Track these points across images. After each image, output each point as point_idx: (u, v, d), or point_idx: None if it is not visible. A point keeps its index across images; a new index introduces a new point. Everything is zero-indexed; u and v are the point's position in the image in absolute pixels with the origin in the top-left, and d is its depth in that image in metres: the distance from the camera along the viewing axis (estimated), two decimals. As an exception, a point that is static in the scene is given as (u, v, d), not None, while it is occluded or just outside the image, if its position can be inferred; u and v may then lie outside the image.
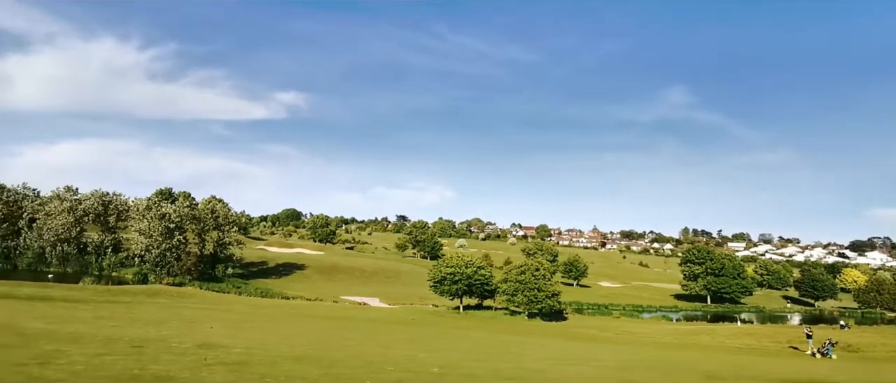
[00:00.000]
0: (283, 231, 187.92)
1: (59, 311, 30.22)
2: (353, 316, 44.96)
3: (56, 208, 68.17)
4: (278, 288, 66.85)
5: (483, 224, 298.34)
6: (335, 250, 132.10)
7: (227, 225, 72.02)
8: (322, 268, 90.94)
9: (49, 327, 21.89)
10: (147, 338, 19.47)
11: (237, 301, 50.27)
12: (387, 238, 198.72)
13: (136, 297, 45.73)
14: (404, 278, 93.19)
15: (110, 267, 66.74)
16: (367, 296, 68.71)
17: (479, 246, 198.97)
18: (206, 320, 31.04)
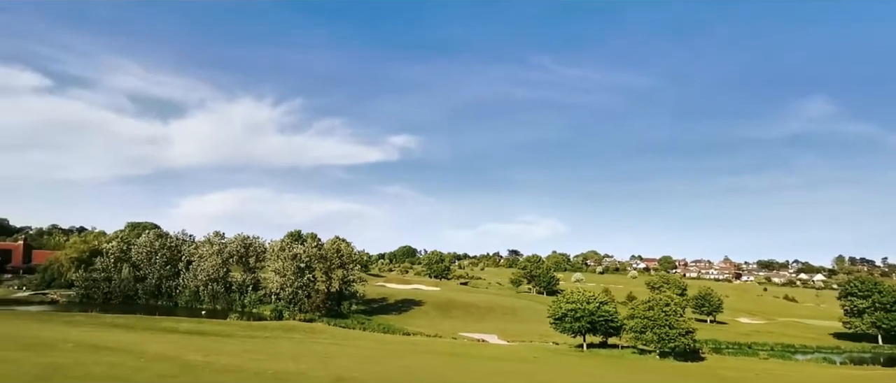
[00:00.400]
0: (400, 267, 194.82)
1: (212, 345, 33.48)
2: (473, 353, 44.65)
3: (207, 251, 76.94)
4: (399, 324, 68.71)
5: (599, 257, 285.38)
6: (450, 286, 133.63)
7: (351, 263, 76.20)
8: (439, 303, 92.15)
9: (206, 359, 24.25)
10: (288, 371, 20.77)
11: (363, 336, 52.36)
12: (500, 273, 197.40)
13: (274, 332, 49.44)
14: (521, 314, 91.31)
15: (251, 303, 73.36)
16: (485, 333, 68.13)
17: (596, 279, 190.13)
18: (338, 355, 32.56)
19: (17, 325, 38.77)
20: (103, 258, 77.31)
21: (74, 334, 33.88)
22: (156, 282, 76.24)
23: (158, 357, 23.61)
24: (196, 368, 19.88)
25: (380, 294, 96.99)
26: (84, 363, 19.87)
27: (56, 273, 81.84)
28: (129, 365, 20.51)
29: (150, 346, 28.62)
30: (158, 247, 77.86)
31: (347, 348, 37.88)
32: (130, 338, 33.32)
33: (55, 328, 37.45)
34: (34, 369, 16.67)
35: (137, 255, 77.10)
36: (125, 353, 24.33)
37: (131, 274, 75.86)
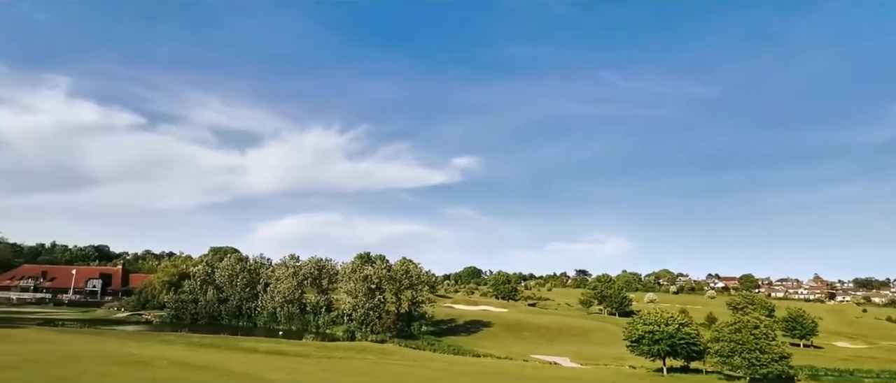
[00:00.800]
0: (465, 288, 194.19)
1: (291, 364, 34.65)
2: (548, 376, 43.44)
3: (283, 274, 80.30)
4: (468, 346, 68.16)
5: (672, 276, 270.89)
6: (518, 307, 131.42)
7: (420, 284, 76.89)
8: (507, 325, 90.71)
9: (287, 378, 25.13)
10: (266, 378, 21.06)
11: (433, 358, 52.37)
12: (568, 293, 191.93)
13: (348, 353, 50.45)
14: (593, 336, 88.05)
15: (324, 324, 75.51)
16: (557, 355, 66.18)
17: (670, 300, 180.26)
18: (411, 375, 32.72)
19: (117, 344, 41.95)
20: (191, 281, 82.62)
21: (168, 352, 36.19)
22: (237, 304, 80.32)
23: (243, 375, 24.68)
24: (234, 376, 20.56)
25: (448, 315, 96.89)
26: (178, 379, 21.13)
27: (149, 295, 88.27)
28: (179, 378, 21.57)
29: (235, 365, 30.03)
30: (239, 271, 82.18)
31: (420, 369, 38.00)
32: (217, 357, 35.12)
33: (151, 346, 40.12)
34: None
35: (220, 278, 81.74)
36: (214, 372, 25.66)
37: (215, 296, 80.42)
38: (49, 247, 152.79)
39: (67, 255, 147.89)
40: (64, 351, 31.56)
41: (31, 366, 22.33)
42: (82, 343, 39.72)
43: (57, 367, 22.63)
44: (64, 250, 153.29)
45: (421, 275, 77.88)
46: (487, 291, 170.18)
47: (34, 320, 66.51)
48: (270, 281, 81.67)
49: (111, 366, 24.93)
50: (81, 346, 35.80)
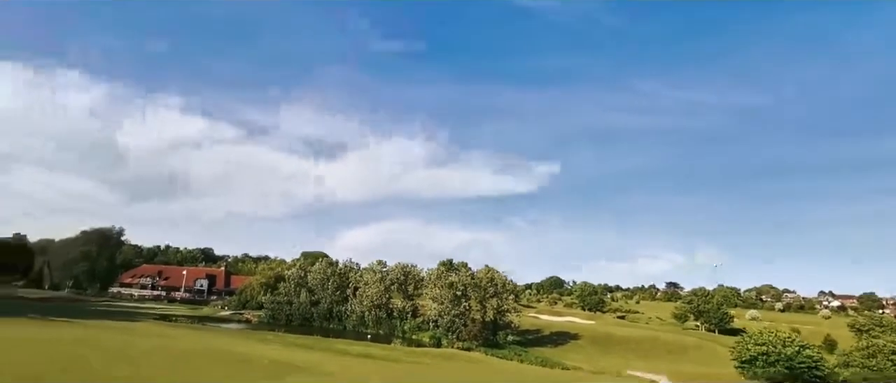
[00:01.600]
0: (548, 298, 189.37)
1: (384, 369, 34.73)
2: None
3: (371, 278, 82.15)
4: (556, 358, 65.78)
5: (778, 292, 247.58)
6: (606, 319, 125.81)
7: (505, 292, 75.50)
8: (596, 337, 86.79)
9: None
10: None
11: (523, 369, 50.85)
12: (658, 307, 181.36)
13: (436, 360, 50.15)
14: (691, 353, 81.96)
15: (410, 330, 76.13)
16: (653, 372, 62.01)
17: (775, 318, 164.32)
18: None
19: (223, 341, 44.45)
20: (285, 283, 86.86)
21: (268, 351, 37.67)
22: (328, 307, 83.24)
23: (343, 379, 24.83)
24: None
25: (533, 325, 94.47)
26: (282, 379, 21.54)
27: (249, 296, 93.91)
28: None
29: (332, 367, 30.52)
30: (329, 275, 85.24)
31: (513, 380, 36.78)
32: (312, 358, 35.99)
33: (252, 345, 42.05)
34: (244, 381, 18.34)
35: (313, 282, 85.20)
36: (314, 374, 26.07)
37: (308, 298, 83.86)
38: (163, 249, 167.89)
39: (178, 257, 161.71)
40: (177, 346, 33.74)
41: (147, 359, 23.75)
42: (193, 339, 42.46)
43: (170, 361, 23.97)
44: (176, 252, 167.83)
45: (506, 284, 76.43)
46: (572, 302, 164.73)
47: (151, 315, 72.61)
48: (359, 285, 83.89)
49: (218, 364, 26.11)
50: (192, 342, 38.18)
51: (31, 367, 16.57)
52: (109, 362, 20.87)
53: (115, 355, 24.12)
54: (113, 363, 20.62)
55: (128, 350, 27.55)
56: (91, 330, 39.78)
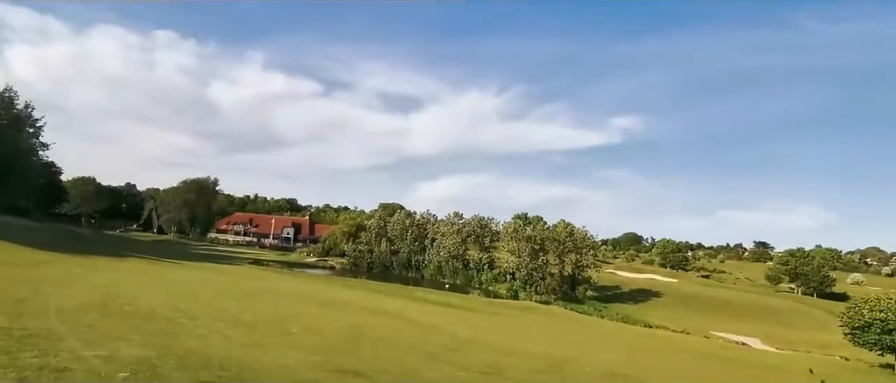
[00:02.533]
0: (625, 255, 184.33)
1: (468, 318, 35.10)
2: (736, 358, 38.41)
3: (448, 230, 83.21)
4: (638, 315, 64.15)
5: (885, 255, 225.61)
6: (689, 278, 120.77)
7: (585, 247, 73.99)
8: (679, 296, 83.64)
9: (472, 334, 25.08)
10: (559, 357, 19.84)
11: (604, 325, 49.95)
12: (745, 267, 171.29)
13: (514, 312, 50.34)
14: (785, 317, 77.10)
15: (487, 281, 76.86)
16: (744, 335, 58.95)
17: (882, 283, 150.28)
18: (589, 341, 31.02)
19: (312, 286, 46.89)
20: (366, 233, 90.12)
21: (355, 297, 39.30)
22: (406, 256, 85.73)
23: (432, 327, 25.18)
24: (471, 343, 20.32)
25: (612, 281, 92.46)
26: (374, 325, 22.09)
27: (332, 244, 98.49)
28: (410, 331, 22.14)
29: (416, 315, 31.20)
30: (408, 225, 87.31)
31: (597, 335, 36.09)
32: (396, 305, 37.04)
33: (339, 291, 44.01)
34: (343, 327, 18.89)
35: (392, 232, 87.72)
36: (401, 320, 26.68)
37: (387, 247, 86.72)
38: (252, 199, 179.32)
39: (266, 206, 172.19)
40: (272, 288, 35.86)
41: (249, 300, 25.18)
42: (285, 282, 45.11)
43: (269, 301, 25.33)
44: (263, 201, 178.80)
45: (586, 239, 74.74)
46: (650, 259, 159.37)
47: (245, 259, 78.19)
48: (436, 236, 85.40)
49: (313, 306, 27.36)
50: (285, 285, 40.50)
51: (160, 297, 17.99)
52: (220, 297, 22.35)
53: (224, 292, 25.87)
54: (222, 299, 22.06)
55: (228, 290, 29.47)
56: (207, 273, 43.21)
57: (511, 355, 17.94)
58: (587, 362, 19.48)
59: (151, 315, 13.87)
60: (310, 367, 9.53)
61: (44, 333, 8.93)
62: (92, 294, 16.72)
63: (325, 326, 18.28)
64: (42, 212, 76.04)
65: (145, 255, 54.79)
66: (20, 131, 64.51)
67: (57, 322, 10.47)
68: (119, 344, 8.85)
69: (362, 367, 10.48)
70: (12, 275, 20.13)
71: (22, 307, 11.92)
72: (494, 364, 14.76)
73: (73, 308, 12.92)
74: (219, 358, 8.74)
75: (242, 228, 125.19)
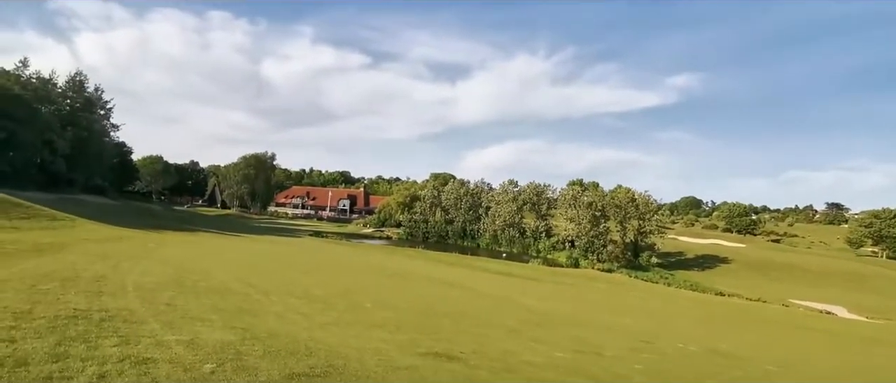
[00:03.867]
0: (683, 220, 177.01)
1: (534, 288, 34.02)
2: (826, 329, 35.58)
3: (503, 198, 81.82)
4: (707, 283, 61.12)
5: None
6: (758, 243, 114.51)
7: (648, 213, 70.89)
8: (750, 262, 79.16)
9: (543, 305, 23.98)
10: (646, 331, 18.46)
11: (673, 293, 47.71)
12: (818, 231, 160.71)
13: (578, 280, 48.86)
14: (871, 283, 71.56)
15: (545, 249, 75.30)
16: (827, 302, 54.95)
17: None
18: (668, 312, 29.33)
19: (374, 256, 47.07)
20: (421, 203, 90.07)
21: (416, 267, 39.01)
22: (462, 225, 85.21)
23: (500, 298, 24.27)
24: (548, 316, 19.24)
25: (675, 247, 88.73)
26: (444, 298, 21.36)
27: (387, 214, 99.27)
28: (481, 304, 21.26)
29: (478, 284, 30.43)
30: (462, 194, 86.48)
31: (671, 305, 34.23)
32: (459, 275, 36.45)
33: (400, 261, 43.94)
34: (414, 299, 18.22)
35: (446, 201, 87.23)
36: (467, 290, 25.91)
37: (442, 217, 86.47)
38: (308, 172, 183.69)
39: (321, 179, 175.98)
40: (335, 260, 36.03)
41: (316, 273, 25.02)
42: (347, 254, 45.49)
43: (335, 274, 25.11)
44: (319, 174, 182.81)
45: (649, 204, 71.52)
46: (712, 224, 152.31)
47: (305, 231, 79.95)
48: (491, 204, 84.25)
49: (379, 277, 27.03)
50: (347, 257, 40.73)
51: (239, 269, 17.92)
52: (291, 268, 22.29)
53: (291, 264, 25.93)
54: (290, 272, 21.95)
55: (298, 263, 29.58)
56: (272, 246, 44.09)
57: (595, 329, 16.72)
58: (678, 337, 18.01)
59: (226, 290, 13.54)
60: (400, 351, 8.70)
61: (123, 315, 8.47)
62: (167, 269, 16.71)
63: (397, 299, 17.66)
64: (117, 190, 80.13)
65: (212, 230, 56.71)
66: (92, 113, 67.66)
67: (135, 301, 10.11)
68: (199, 327, 8.28)
69: (453, 349, 9.59)
70: (93, 250, 20.60)
71: (101, 285, 11.73)
72: (584, 341, 13.61)
73: (150, 284, 12.70)
74: (303, 342, 8.04)
75: (300, 201, 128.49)
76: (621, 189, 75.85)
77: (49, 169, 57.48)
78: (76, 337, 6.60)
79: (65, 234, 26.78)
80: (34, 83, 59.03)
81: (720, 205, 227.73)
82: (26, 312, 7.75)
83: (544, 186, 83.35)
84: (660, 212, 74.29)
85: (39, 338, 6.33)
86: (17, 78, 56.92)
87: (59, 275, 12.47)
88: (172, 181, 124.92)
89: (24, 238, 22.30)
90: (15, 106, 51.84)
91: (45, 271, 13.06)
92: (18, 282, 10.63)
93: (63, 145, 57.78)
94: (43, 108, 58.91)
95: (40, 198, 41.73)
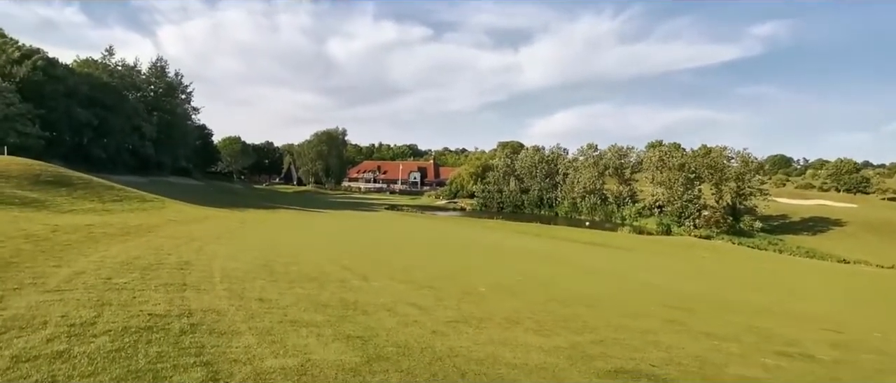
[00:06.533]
0: (772, 180, 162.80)
1: (637, 259, 30.71)
2: None
3: (583, 164, 77.29)
4: (823, 248, 54.55)
5: None
6: (871, 202, 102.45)
7: (748, 173, 64.17)
8: (869, 224, 70.38)
9: (655, 281, 20.81)
10: (823, 318, 14.97)
11: (801, 263, 42.39)
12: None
13: (676, 250, 44.55)
14: None
15: (630, 216, 70.48)
16: (976, 269, 47.28)
17: None
18: (803, 286, 25.14)
19: (456, 229, 45.15)
20: (494, 172, 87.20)
21: (501, 239, 36.55)
22: (538, 194, 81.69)
23: (614, 275, 21.32)
24: (683, 297, 16.14)
25: (776, 209, 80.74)
26: (556, 276, 18.72)
27: (459, 186, 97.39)
28: (602, 284, 18.49)
29: (581, 258, 27.53)
30: (537, 162, 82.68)
31: (800, 277, 29.74)
32: (549, 247, 33.63)
33: (485, 233, 41.65)
34: (528, 282, 15.73)
35: (521, 169, 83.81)
36: (573, 266, 23.12)
37: (517, 186, 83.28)
38: (378, 147, 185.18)
39: (390, 153, 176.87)
40: (421, 234, 34.23)
41: (409, 252, 23.13)
42: (429, 227, 43.79)
43: (428, 251, 23.09)
44: (387, 149, 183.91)
45: (749, 162, 64.72)
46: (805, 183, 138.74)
47: (380, 205, 79.71)
48: (568, 171, 79.99)
49: (473, 253, 24.82)
50: (432, 230, 38.95)
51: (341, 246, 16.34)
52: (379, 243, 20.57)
53: (379, 241, 24.27)
54: (381, 250, 20.20)
55: (381, 240, 27.98)
56: (353, 220, 43.23)
57: (767, 317, 13.46)
58: (862, 324, 14.42)
59: (321, 276, 11.62)
60: (571, 365, 6.26)
61: (209, 320, 6.52)
62: (253, 252, 15.17)
63: (509, 280, 15.21)
64: (201, 171, 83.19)
65: (292, 206, 56.97)
66: (174, 98, 69.75)
67: (223, 296, 8.25)
68: (306, 339, 6.19)
69: (633, 358, 6.99)
70: (179, 232, 19.63)
71: (186, 274, 10.06)
72: (769, 335, 10.52)
73: (238, 272, 10.97)
74: (445, 357, 5.75)
75: (372, 176, 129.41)
76: (715, 148, 69.00)
77: (139, 153, 59.74)
78: (144, 369, 4.57)
79: (154, 216, 26.47)
80: (120, 70, 61.16)
81: (813, 163, 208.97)
82: (89, 323, 5.89)
83: (628, 149, 77.81)
84: (762, 170, 66.83)
85: (91, 377, 4.31)
86: (104, 66, 59.05)
87: (141, 263, 10.95)
88: (251, 161, 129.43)
89: (114, 220, 21.81)
90: (105, 93, 53.76)
91: (127, 257, 11.63)
92: (94, 275, 9.05)
93: (150, 130, 59.75)
94: (130, 95, 61.06)
95: (132, 181, 42.91)
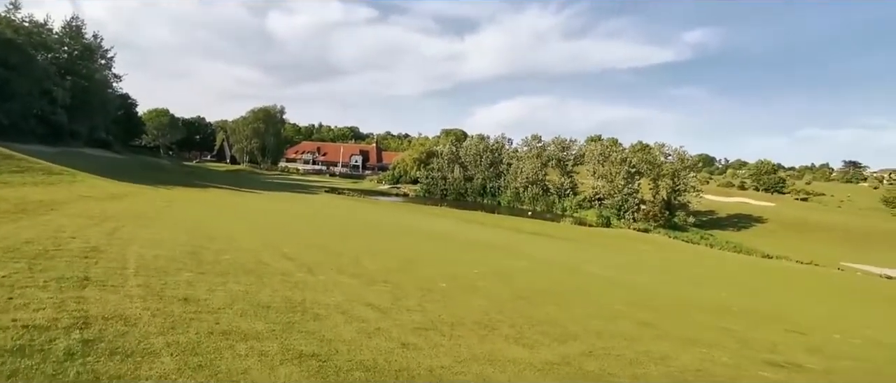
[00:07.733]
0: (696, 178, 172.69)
1: (579, 252, 30.63)
2: None
3: (526, 154, 77.64)
4: (747, 243, 57.65)
5: None
6: (786, 201, 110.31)
7: (684, 170, 66.77)
8: (785, 222, 75.55)
9: (620, 277, 20.50)
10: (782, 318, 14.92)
11: (721, 255, 44.24)
12: (839, 189, 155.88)
13: (617, 241, 45.40)
14: (919, 244, 67.88)
15: (571, 208, 71.65)
16: (877, 266, 51.51)
17: None
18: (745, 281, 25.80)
19: (398, 215, 43.62)
20: (438, 159, 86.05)
21: (449, 227, 35.53)
22: (481, 183, 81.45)
23: (569, 269, 20.75)
24: (642, 291, 15.68)
25: (705, 206, 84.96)
26: (517, 271, 17.82)
27: (402, 171, 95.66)
28: (559, 278, 17.78)
29: (531, 249, 26.97)
30: (482, 150, 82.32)
31: (738, 272, 30.73)
32: (498, 237, 32.94)
33: (433, 221, 40.44)
34: (489, 275, 14.68)
35: (465, 157, 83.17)
36: (530, 259, 22.39)
37: (461, 174, 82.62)
38: (317, 128, 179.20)
39: (331, 134, 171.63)
40: (365, 220, 32.53)
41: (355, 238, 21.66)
42: (373, 212, 41.98)
43: (374, 240, 21.64)
44: (328, 130, 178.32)
45: (685, 160, 67.31)
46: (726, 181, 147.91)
47: (320, 187, 76.57)
48: (512, 161, 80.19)
49: (424, 243, 23.59)
50: (376, 217, 37.24)
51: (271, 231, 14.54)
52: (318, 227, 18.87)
53: (321, 227, 22.50)
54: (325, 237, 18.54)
55: (325, 226, 26.23)
56: (291, 203, 40.74)
57: (732, 317, 13.10)
58: (817, 323, 14.45)
59: (261, 269, 9.97)
60: None
61: (111, 335, 4.89)
62: (180, 236, 13.17)
63: (468, 274, 14.09)
64: (122, 144, 76.65)
65: (224, 185, 53.33)
66: (92, 62, 63.34)
67: (137, 296, 6.55)
68: (245, 359, 4.71)
69: (619, 370, 6.04)
70: (90, 211, 17.07)
71: (90, 264, 8.16)
72: (745, 339, 10.03)
73: (160, 261, 9.17)
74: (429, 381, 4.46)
75: (311, 157, 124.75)
76: (653, 144, 71.43)
77: (49, 120, 53.67)
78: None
79: (61, 191, 23.27)
80: (27, 27, 54.52)
81: (733, 163, 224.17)
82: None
83: (570, 141, 78.90)
84: (695, 168, 69.75)
85: None
86: (7, 21, 52.37)
87: (32, 249, 8.86)
88: (180, 135, 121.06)
89: (10, 195, 18.78)
90: (7, 51, 47.62)
91: (15, 242, 9.44)
92: (-38, 266, 7.05)
93: (63, 95, 53.81)
94: (39, 56, 54.65)
95: (38, 150, 38.17)
